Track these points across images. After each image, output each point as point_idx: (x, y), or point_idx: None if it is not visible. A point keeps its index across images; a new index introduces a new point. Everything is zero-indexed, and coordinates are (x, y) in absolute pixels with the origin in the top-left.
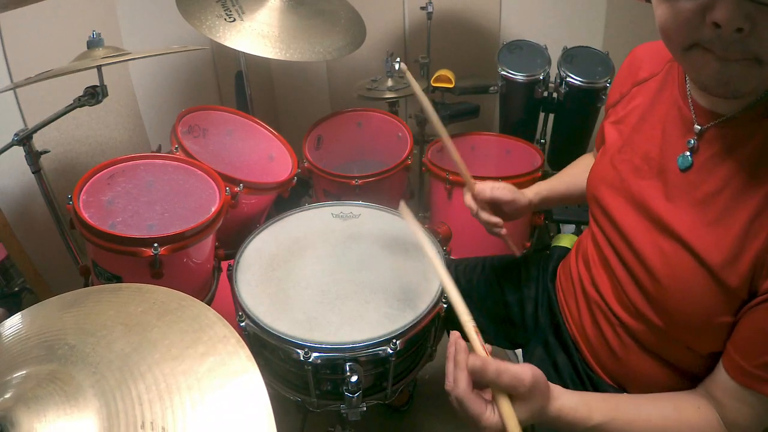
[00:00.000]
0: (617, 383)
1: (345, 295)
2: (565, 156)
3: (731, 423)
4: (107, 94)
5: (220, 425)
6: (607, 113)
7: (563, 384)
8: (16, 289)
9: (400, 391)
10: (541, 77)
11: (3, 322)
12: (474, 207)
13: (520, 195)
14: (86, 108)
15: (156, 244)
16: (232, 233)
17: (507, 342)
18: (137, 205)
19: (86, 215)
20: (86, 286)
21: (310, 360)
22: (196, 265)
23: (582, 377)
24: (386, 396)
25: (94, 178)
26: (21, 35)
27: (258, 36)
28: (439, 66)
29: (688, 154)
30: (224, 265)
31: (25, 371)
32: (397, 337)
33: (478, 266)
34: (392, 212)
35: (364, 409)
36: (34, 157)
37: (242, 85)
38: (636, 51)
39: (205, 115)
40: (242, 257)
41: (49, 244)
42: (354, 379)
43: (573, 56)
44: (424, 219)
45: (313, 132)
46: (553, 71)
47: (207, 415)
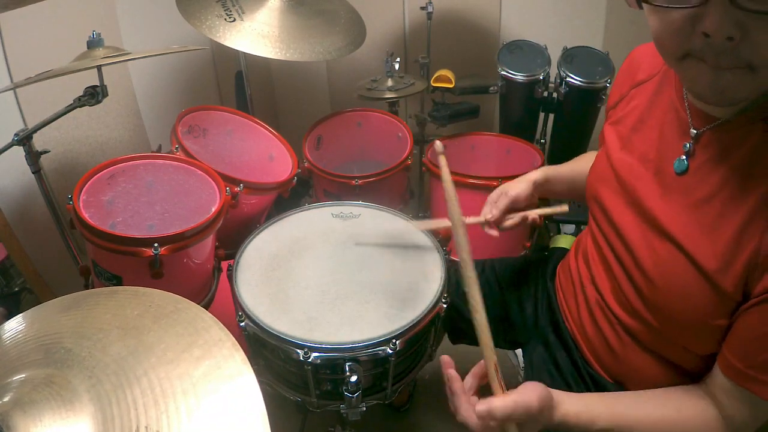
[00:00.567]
0: (616, 380)
1: (345, 295)
2: (565, 156)
3: (729, 419)
4: (107, 94)
5: (216, 429)
6: (607, 114)
7: (564, 382)
8: (16, 289)
9: (399, 391)
10: (541, 77)
11: (1, 325)
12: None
13: (518, 188)
14: (86, 108)
15: (156, 244)
16: (232, 233)
17: (507, 343)
18: (137, 205)
19: (86, 215)
20: (86, 287)
21: (309, 360)
22: (196, 265)
23: (582, 375)
24: (386, 396)
25: (94, 178)
26: (21, 35)
27: (258, 36)
28: (439, 66)
29: (684, 158)
30: (224, 265)
31: (22, 375)
32: (396, 337)
33: (477, 268)
34: (392, 212)
35: (364, 409)
36: (34, 157)
37: (242, 85)
38: (635, 52)
39: (205, 115)
40: (242, 257)
41: (49, 244)
42: (354, 379)
43: (573, 56)
44: (424, 219)
45: (313, 132)
46: (553, 71)
47: (202, 419)
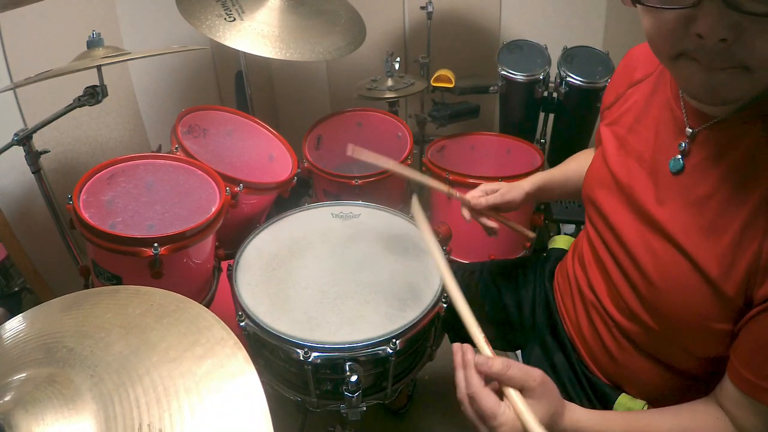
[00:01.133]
0: (614, 383)
1: (345, 294)
2: (565, 156)
3: (741, 430)
4: (107, 94)
5: (218, 427)
6: (602, 115)
7: (561, 384)
8: (16, 289)
9: (399, 391)
10: (541, 77)
11: (3, 324)
12: (468, 217)
13: (514, 194)
14: (86, 108)
15: (156, 244)
16: (232, 233)
17: (506, 344)
18: (137, 205)
19: (86, 215)
20: (86, 287)
21: (310, 360)
22: (196, 265)
23: (579, 377)
24: (386, 396)
25: (94, 178)
26: (21, 35)
27: (258, 36)
28: (439, 66)
29: (679, 157)
30: (224, 265)
31: (24, 374)
32: (396, 337)
33: (476, 271)
34: (392, 212)
35: (364, 408)
36: (34, 157)
37: (242, 85)
38: (632, 52)
39: (205, 115)
40: (242, 257)
41: (49, 244)
42: (354, 378)
43: (573, 56)
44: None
45: (313, 132)
46: (553, 71)
47: (205, 417)
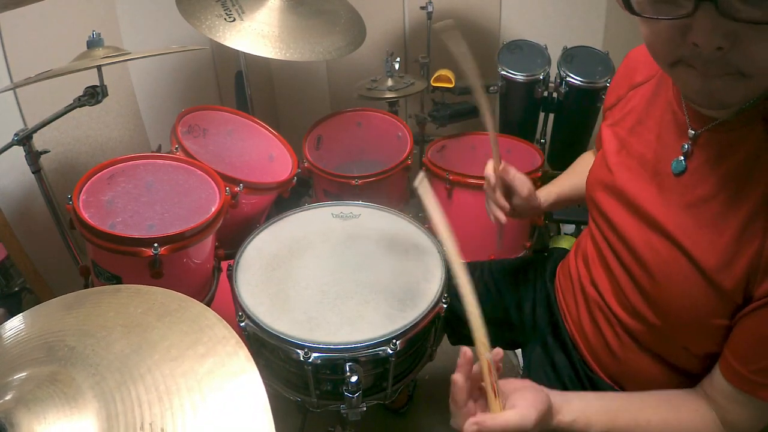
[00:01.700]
0: (615, 382)
1: (345, 295)
2: (565, 156)
3: (729, 424)
4: (107, 94)
5: (220, 426)
6: (604, 116)
7: (561, 383)
8: (16, 289)
9: (399, 391)
10: (541, 77)
11: (3, 323)
12: (492, 178)
13: (534, 196)
14: (86, 108)
15: (156, 244)
16: (232, 233)
17: (506, 343)
18: (137, 205)
19: (86, 215)
20: (86, 287)
21: (310, 360)
22: (196, 265)
23: (581, 376)
24: (386, 396)
25: (94, 178)
26: (21, 35)
27: (258, 36)
28: (439, 66)
29: (682, 158)
30: (224, 265)
31: (26, 373)
32: (397, 338)
33: (476, 271)
34: (392, 212)
35: (364, 409)
36: (34, 157)
37: (242, 85)
38: (631, 54)
39: (205, 115)
40: (242, 257)
41: (49, 244)
42: (354, 379)
43: (573, 56)
44: (424, 219)
45: (313, 132)
46: (553, 71)
47: (206, 416)
